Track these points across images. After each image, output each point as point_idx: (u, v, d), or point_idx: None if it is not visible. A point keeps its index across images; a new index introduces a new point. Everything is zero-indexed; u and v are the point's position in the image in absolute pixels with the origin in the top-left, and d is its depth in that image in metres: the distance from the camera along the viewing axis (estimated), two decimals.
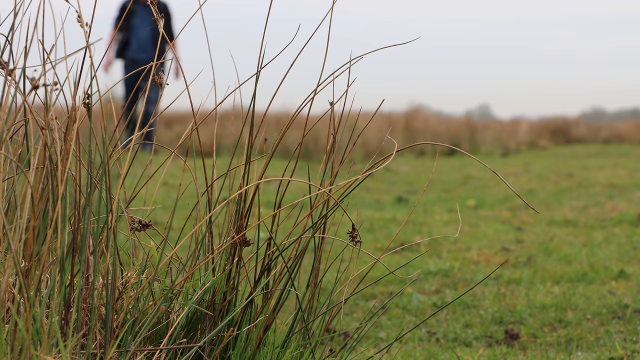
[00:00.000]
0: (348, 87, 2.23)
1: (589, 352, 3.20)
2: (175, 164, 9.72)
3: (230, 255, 2.20)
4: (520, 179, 10.13)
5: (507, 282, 4.32)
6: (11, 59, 1.97)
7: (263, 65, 2.20)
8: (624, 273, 4.44)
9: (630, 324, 3.55)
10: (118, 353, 1.99)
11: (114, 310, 2.04)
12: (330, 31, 2.19)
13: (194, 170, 2.31)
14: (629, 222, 6.27)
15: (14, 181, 2.01)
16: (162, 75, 2.09)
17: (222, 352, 2.19)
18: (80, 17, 1.96)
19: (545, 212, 6.97)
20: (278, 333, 2.32)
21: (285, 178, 2.21)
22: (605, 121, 34.34)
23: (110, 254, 2.03)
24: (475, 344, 3.37)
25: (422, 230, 5.93)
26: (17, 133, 2.05)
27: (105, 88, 2.07)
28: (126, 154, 2.16)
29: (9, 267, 1.81)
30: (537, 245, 5.37)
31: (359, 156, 12.58)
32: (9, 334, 1.82)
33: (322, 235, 2.30)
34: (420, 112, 18.31)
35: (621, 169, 11.72)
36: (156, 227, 2.23)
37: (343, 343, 3.16)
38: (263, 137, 2.30)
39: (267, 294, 2.25)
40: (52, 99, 1.95)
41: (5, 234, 1.91)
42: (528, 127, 20.74)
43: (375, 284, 4.22)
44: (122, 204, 2.16)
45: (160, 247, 2.19)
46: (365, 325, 2.64)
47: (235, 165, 2.30)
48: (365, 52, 2.22)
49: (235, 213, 2.22)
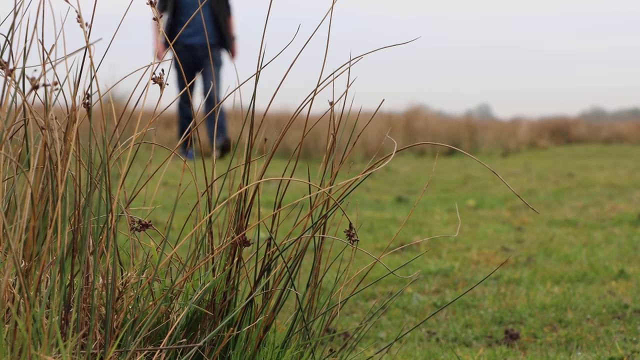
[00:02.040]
0: (348, 87, 2.23)
1: (589, 352, 3.20)
2: (175, 164, 9.72)
3: (230, 255, 2.20)
4: (520, 179, 10.13)
5: (507, 282, 4.32)
6: (11, 59, 1.97)
7: (263, 66, 2.20)
8: (624, 273, 4.43)
9: (630, 324, 3.55)
10: (118, 353, 1.99)
11: (114, 310, 2.04)
12: (330, 31, 2.19)
13: (194, 170, 2.31)
14: (629, 222, 6.27)
15: (14, 181, 2.01)
16: (162, 75, 2.09)
17: (222, 352, 2.19)
18: (80, 17, 1.96)
19: (545, 212, 6.97)
20: (278, 333, 2.32)
21: (285, 178, 2.21)
22: (605, 121, 34.34)
23: (110, 254, 2.03)
24: (475, 344, 3.37)
25: (422, 230, 5.93)
26: (17, 133, 2.05)
27: (105, 88, 2.07)
28: (126, 154, 2.15)
29: (9, 267, 1.81)
30: (537, 245, 5.37)
31: (359, 156, 12.58)
32: (9, 334, 1.82)
33: (322, 235, 2.30)
34: (420, 112, 18.31)
35: (621, 169, 11.72)
36: (156, 227, 2.23)
37: (343, 343, 3.16)
38: (263, 137, 2.30)
39: (267, 294, 2.25)
40: (52, 99, 1.95)
41: (5, 234, 1.91)
42: (528, 127, 20.75)
43: (375, 284, 4.22)
44: (122, 204, 2.16)
45: (160, 247, 2.19)
46: (365, 325, 2.64)
47: (235, 165, 2.29)
48: (365, 52, 2.22)
49: (235, 213, 2.22)
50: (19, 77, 1.95)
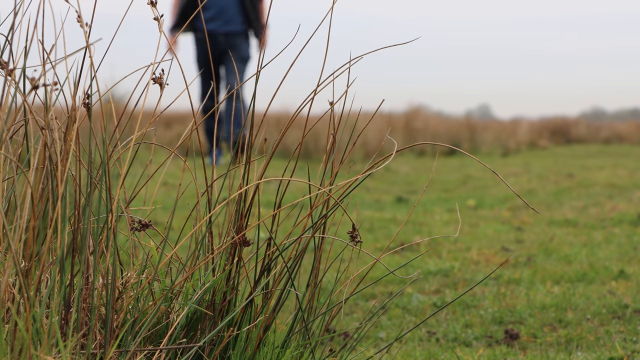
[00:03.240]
0: (348, 87, 2.23)
1: (589, 352, 3.20)
2: (175, 164, 9.72)
3: (230, 255, 2.20)
4: (520, 179, 10.12)
5: (507, 282, 4.32)
6: (11, 59, 1.97)
7: (263, 66, 2.20)
8: (624, 273, 4.43)
9: (630, 324, 3.55)
10: (118, 353, 1.98)
11: (114, 310, 2.04)
12: (330, 31, 2.19)
13: (194, 170, 2.31)
14: (629, 222, 6.26)
15: (14, 181, 2.01)
16: (162, 75, 2.09)
17: (222, 352, 2.19)
18: (80, 17, 1.96)
19: (545, 212, 6.97)
20: (278, 333, 2.32)
21: (285, 178, 2.21)
22: (605, 121, 34.32)
23: (110, 254, 2.03)
24: (475, 344, 3.37)
25: (422, 230, 5.93)
26: (17, 133, 2.05)
27: (105, 88, 2.07)
28: (126, 154, 2.15)
29: (9, 267, 1.81)
30: (537, 245, 5.37)
31: (359, 156, 12.57)
32: (9, 334, 1.82)
33: (322, 235, 2.29)
34: (420, 112, 18.31)
35: (621, 169, 11.72)
36: (156, 227, 2.23)
37: (343, 343, 3.16)
38: (263, 137, 2.30)
39: (267, 294, 2.25)
40: (52, 99, 1.95)
41: (5, 234, 1.91)
42: (528, 127, 20.74)
43: (375, 284, 4.22)
44: (122, 204, 2.16)
45: (160, 247, 2.19)
46: (365, 325, 2.64)
47: (235, 165, 2.29)
48: (365, 52, 2.22)
49: (235, 213, 2.22)
50: (19, 77, 1.95)
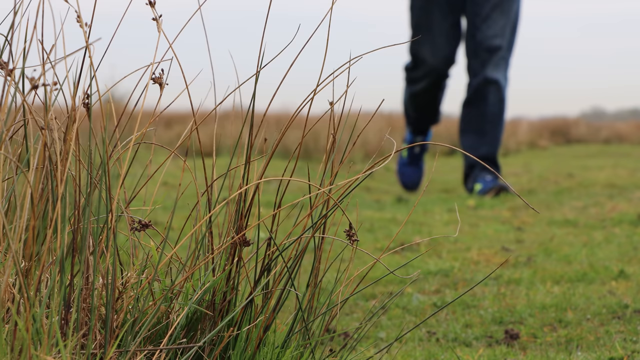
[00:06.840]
0: (348, 87, 2.23)
1: (589, 352, 3.20)
2: (175, 164, 9.72)
3: (230, 255, 2.20)
4: (520, 179, 10.12)
5: (507, 282, 4.32)
6: (10, 59, 1.97)
7: (263, 66, 2.20)
8: (624, 273, 4.43)
9: (630, 324, 3.55)
10: (118, 353, 1.99)
11: (114, 310, 2.04)
12: (330, 31, 2.19)
13: (194, 170, 2.31)
14: (629, 222, 6.26)
15: (14, 181, 2.01)
16: (161, 74, 2.08)
17: (222, 352, 2.19)
18: (79, 17, 1.96)
19: (545, 212, 6.97)
20: (278, 333, 2.32)
21: (285, 178, 2.20)
22: (605, 121, 34.34)
23: (110, 254, 2.03)
24: (475, 344, 3.37)
25: (422, 230, 5.93)
26: (17, 133, 2.05)
27: (105, 88, 2.07)
28: (126, 154, 2.15)
29: (9, 267, 1.81)
30: (537, 245, 5.37)
31: (359, 156, 12.58)
32: (9, 334, 1.82)
33: (322, 235, 2.29)
34: None
35: (621, 169, 11.71)
36: (156, 227, 2.23)
37: (343, 343, 3.16)
38: (263, 137, 2.30)
39: (267, 294, 2.25)
40: (51, 99, 1.95)
41: (5, 234, 1.91)
42: (528, 127, 20.74)
43: (375, 284, 4.22)
44: (122, 204, 2.16)
45: (160, 247, 2.19)
46: (365, 325, 2.63)
47: (235, 165, 2.29)
48: (365, 52, 2.22)
49: (235, 213, 2.22)
50: (18, 77, 1.95)
